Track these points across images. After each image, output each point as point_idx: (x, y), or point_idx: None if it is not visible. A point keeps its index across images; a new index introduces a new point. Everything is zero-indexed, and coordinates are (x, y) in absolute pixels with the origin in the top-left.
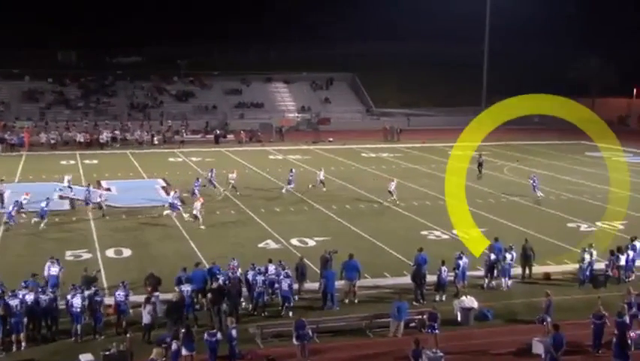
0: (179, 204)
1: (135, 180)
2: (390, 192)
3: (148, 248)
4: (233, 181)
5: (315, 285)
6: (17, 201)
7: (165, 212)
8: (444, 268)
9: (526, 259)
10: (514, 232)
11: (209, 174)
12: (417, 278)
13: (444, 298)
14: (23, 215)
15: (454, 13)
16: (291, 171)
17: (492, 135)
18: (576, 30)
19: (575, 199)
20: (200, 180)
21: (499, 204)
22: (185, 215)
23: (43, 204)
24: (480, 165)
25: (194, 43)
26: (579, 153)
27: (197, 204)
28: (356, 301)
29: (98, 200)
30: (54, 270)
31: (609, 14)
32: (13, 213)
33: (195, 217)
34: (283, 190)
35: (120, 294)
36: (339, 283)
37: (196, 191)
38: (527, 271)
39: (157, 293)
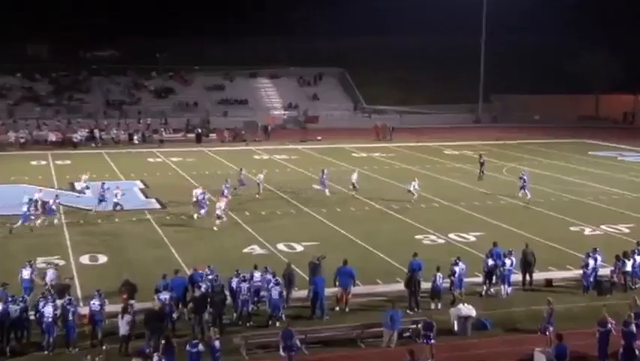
0: (206, 203)
1: (112, 182)
2: (410, 191)
3: (125, 254)
4: (261, 181)
5: (304, 293)
6: (30, 200)
7: (195, 215)
8: (439, 275)
9: (526, 265)
10: (513, 236)
11: (240, 175)
12: (411, 285)
13: (439, 307)
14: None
15: (448, 4)
16: (323, 171)
17: (490, 134)
18: (579, 22)
19: (577, 201)
20: (229, 180)
21: (497, 206)
22: (196, 215)
23: (24, 208)
24: (482, 165)
25: (173, 36)
26: (582, 152)
27: (222, 204)
28: (347, 309)
29: (115, 200)
30: (26, 273)
31: (614, 5)
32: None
33: (219, 217)
34: (317, 187)
35: (95, 303)
36: (330, 291)
37: (225, 192)
38: (528, 278)
39: (132, 301)
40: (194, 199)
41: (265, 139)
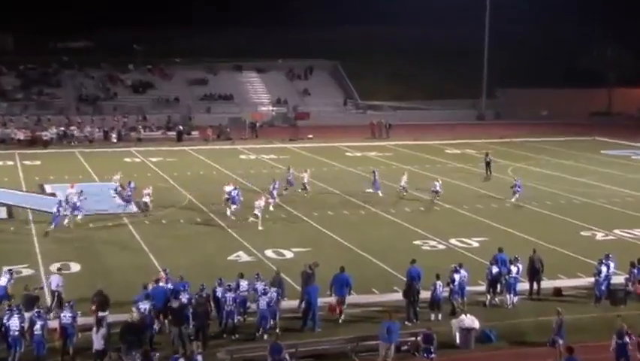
0: (239, 199)
1: (85, 184)
2: (434, 191)
3: (100, 262)
4: (306, 181)
5: (293, 303)
6: (60, 201)
7: (228, 211)
8: (439, 283)
9: (534, 273)
10: (520, 242)
11: (288, 175)
12: (409, 294)
13: (440, 318)
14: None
15: None
16: (375, 173)
17: (494, 132)
18: (590, 11)
19: (588, 203)
20: (277, 181)
21: (502, 209)
22: (229, 212)
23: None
24: (488, 164)
25: (152, 26)
26: (593, 150)
27: (260, 203)
28: (340, 320)
29: (145, 199)
30: (3, 280)
31: None
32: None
33: (256, 216)
34: (379, 193)
35: (66, 316)
36: (322, 300)
37: (274, 193)
38: (535, 286)
39: (103, 314)
40: (226, 196)
41: (253, 137)
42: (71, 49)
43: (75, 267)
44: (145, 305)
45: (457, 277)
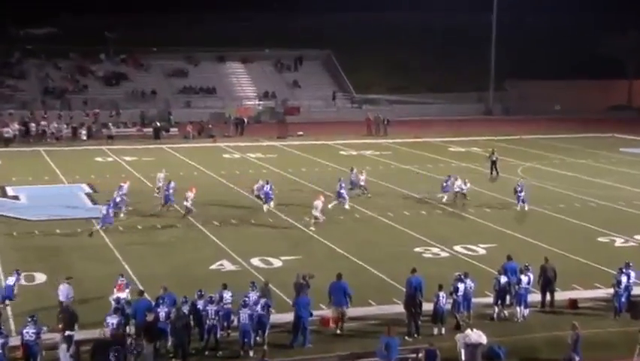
0: (273, 193)
1: (52, 186)
2: (463, 194)
3: (68, 272)
4: (363, 183)
5: (281, 316)
6: (114, 200)
7: (265, 207)
8: (442, 294)
9: (546, 283)
10: (531, 249)
11: (351, 175)
12: (410, 307)
13: (443, 332)
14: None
15: None
16: (453, 178)
17: (503, 128)
18: None
19: (607, 207)
20: (343, 182)
21: (512, 213)
22: (265, 208)
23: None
24: (493, 163)
25: (126, 12)
26: (612, 148)
27: (319, 203)
28: (338, 331)
29: (185, 204)
30: (11, 280)
31: None
32: (110, 214)
33: (316, 218)
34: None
35: (29, 332)
36: (315, 313)
37: (344, 194)
38: (548, 298)
39: (71, 332)
40: (257, 193)
41: (238, 135)
42: (36, 36)
43: (40, 277)
44: (113, 320)
45: (461, 286)
